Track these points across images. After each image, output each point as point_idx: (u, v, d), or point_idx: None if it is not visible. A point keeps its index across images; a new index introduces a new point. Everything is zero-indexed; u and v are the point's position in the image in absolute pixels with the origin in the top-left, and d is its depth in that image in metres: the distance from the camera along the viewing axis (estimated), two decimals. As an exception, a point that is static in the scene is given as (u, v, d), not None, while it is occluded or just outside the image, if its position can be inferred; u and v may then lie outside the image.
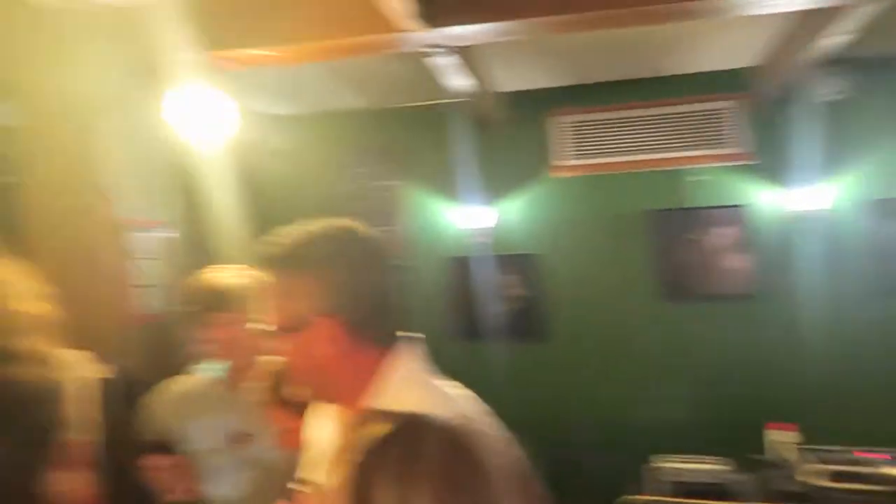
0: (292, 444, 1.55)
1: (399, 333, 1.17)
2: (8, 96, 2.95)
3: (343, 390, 1.14)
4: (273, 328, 1.13)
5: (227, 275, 1.87)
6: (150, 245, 3.08)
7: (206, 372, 1.95)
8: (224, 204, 3.34)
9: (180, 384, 1.99)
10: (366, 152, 4.90)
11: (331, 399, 1.19)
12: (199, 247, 3.38)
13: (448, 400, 1.13)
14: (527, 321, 4.75)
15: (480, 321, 4.73)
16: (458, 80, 3.54)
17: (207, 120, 2.86)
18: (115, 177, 2.91)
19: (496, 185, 4.71)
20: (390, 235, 4.83)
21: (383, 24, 2.67)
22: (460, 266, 4.78)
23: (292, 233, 1.16)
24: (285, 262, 1.13)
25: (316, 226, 1.16)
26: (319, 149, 4.88)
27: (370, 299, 1.12)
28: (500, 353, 4.68)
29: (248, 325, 1.80)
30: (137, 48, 2.80)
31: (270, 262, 1.14)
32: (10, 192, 2.98)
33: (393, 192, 4.89)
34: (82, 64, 2.85)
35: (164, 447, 1.80)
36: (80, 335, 2.45)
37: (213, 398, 1.89)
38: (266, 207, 4.85)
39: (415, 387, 1.11)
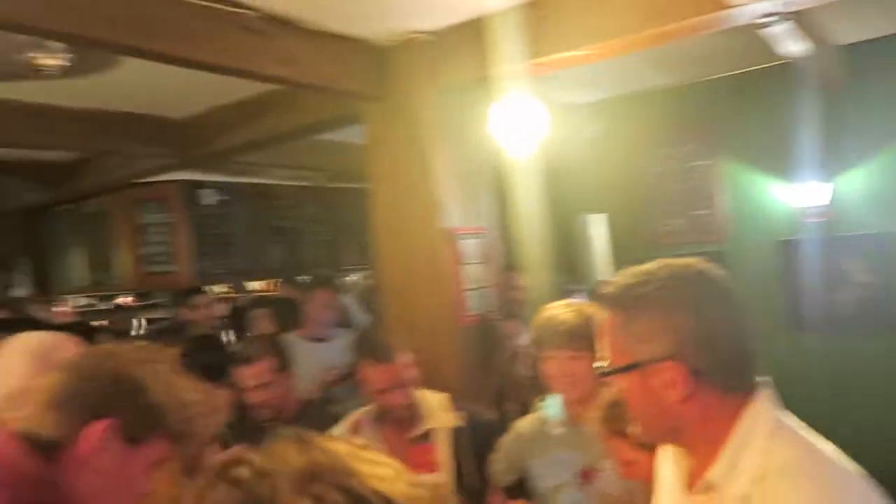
0: (635, 475, 1.50)
1: (756, 380, 1.08)
2: (359, 120, 3.32)
3: (691, 438, 1.08)
4: (609, 367, 1.10)
5: (569, 310, 1.87)
6: (474, 250, 3.26)
7: (548, 407, 1.97)
8: (536, 209, 3.39)
9: (526, 422, 2.04)
10: (680, 130, 4.57)
11: (678, 445, 1.14)
12: (515, 250, 3.49)
13: (817, 456, 1.01)
14: (875, 311, 4.06)
15: (816, 311, 4.16)
16: (791, 44, 3.09)
17: (523, 128, 2.90)
18: (446, 187, 3.11)
19: (835, 155, 4.04)
20: (709, 218, 4.47)
21: (709, 2, 2.41)
22: (791, 250, 4.24)
23: (635, 272, 1.11)
24: (625, 302, 1.08)
25: (660, 265, 1.10)
26: (630, 132, 4.69)
27: (718, 345, 1.05)
28: (841, 347, 4.08)
29: (589, 363, 1.78)
30: (464, 66, 2.94)
31: (610, 300, 1.11)
32: (364, 198, 3.36)
33: (711, 170, 4.49)
34: (417, 85, 3.08)
35: (515, 490, 1.87)
36: (419, 334, 2.65)
37: (557, 434, 1.90)
38: (579, 198, 4.86)
39: (783, 442, 1.02)
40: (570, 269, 5.33)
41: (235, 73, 2.57)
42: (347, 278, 7.12)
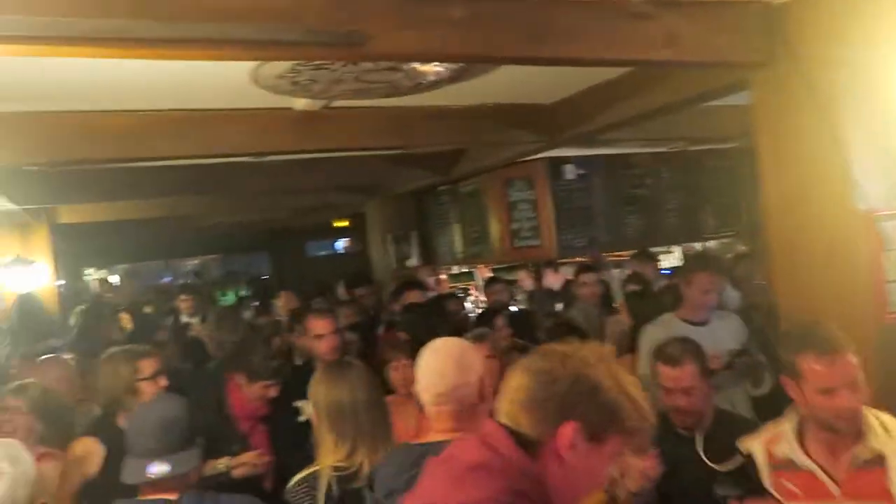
0: None
1: None
2: (743, 87, 3.01)
3: None
4: None
5: None
6: (894, 235, 2.72)
7: None
8: None
9: None
10: None
11: None
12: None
13: None
14: None
15: None
16: None
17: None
18: (861, 161, 2.64)
19: None
20: None
21: None
22: None
23: None
24: None
25: None
26: None
27: None
28: None
29: None
30: (885, 13, 2.44)
31: None
32: (723, 161, 2.99)
33: None
34: (819, 44, 2.66)
35: None
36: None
37: None
38: None
39: None
40: None
41: (624, 64, 2.51)
42: (705, 246, 6.72)
